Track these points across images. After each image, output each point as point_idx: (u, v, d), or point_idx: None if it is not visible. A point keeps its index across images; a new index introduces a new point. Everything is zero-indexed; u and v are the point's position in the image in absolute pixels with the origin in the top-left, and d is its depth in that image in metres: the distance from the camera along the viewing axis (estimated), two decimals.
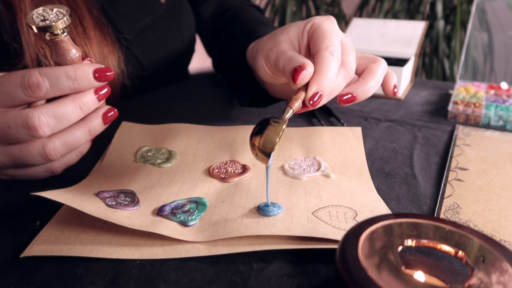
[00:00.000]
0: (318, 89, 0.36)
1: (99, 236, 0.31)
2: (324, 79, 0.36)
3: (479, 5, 0.75)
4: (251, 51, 0.52)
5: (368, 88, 0.40)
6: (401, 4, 1.64)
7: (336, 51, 0.38)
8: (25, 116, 0.34)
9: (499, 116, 0.55)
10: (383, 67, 0.42)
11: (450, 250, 0.24)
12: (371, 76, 0.41)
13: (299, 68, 0.36)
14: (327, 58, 0.37)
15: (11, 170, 0.39)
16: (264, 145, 0.32)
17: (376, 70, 0.41)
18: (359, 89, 0.40)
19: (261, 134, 0.32)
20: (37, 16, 0.34)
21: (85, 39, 0.52)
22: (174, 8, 0.69)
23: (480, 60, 0.87)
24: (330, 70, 0.36)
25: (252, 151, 0.33)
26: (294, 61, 0.37)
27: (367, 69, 0.41)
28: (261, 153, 0.32)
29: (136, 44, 0.62)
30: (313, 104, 0.36)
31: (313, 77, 0.36)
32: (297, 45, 0.42)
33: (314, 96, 0.36)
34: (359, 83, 0.40)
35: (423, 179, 0.41)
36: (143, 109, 0.62)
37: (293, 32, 0.42)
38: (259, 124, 0.34)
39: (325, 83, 0.36)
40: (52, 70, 0.35)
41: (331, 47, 0.37)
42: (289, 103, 0.35)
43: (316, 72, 0.36)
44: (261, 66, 0.44)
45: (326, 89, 0.36)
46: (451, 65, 1.53)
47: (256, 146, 0.32)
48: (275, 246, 0.30)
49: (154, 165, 0.43)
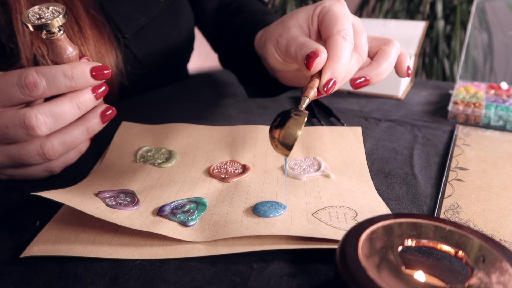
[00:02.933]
0: (332, 75, 0.35)
1: (99, 236, 0.31)
2: (338, 65, 0.35)
3: (479, 5, 0.75)
4: (259, 39, 0.51)
5: (381, 71, 0.39)
6: (401, 4, 1.64)
7: (349, 35, 0.37)
8: (22, 115, 0.34)
9: (499, 116, 0.55)
10: (396, 48, 0.41)
11: (450, 250, 0.24)
12: (384, 58, 0.40)
13: (313, 54, 0.35)
14: (339, 43, 0.36)
15: (10, 170, 0.39)
16: (285, 137, 0.32)
17: (389, 52, 0.40)
18: (372, 72, 0.39)
19: (281, 127, 0.32)
20: (33, 14, 0.34)
21: (82, 38, 0.52)
22: (173, 6, 0.69)
23: (480, 60, 0.87)
24: (344, 55, 0.35)
25: (272, 143, 0.33)
26: (306, 47, 0.36)
27: (380, 51, 0.41)
28: (282, 145, 0.32)
29: (134, 42, 0.62)
30: (327, 90, 0.35)
31: (327, 63, 0.35)
32: (307, 30, 0.41)
33: (329, 83, 0.35)
34: (372, 66, 0.39)
35: (423, 179, 0.41)
36: (143, 109, 0.62)
37: (302, 17, 0.41)
38: (279, 116, 0.33)
39: (339, 68, 0.35)
40: (49, 69, 0.34)
41: (343, 31, 0.37)
42: (305, 92, 0.35)
43: (330, 57, 0.35)
44: (271, 54, 0.43)
45: (340, 75, 0.35)
46: (451, 65, 1.53)
47: (277, 139, 0.32)
48: (275, 246, 0.30)
49: (154, 165, 0.43)
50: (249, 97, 0.61)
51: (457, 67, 1.50)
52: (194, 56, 0.82)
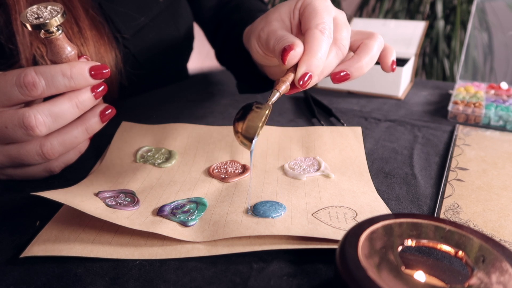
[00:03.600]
0: (307, 69, 0.35)
1: (99, 236, 0.31)
2: (314, 58, 0.35)
3: (479, 5, 0.75)
4: (246, 34, 0.51)
5: (362, 65, 0.39)
6: (401, 4, 1.64)
7: (327, 29, 0.36)
8: (21, 115, 0.34)
9: (499, 116, 0.55)
10: (379, 42, 0.40)
11: (450, 250, 0.24)
12: (366, 52, 0.39)
13: (288, 47, 0.35)
14: (316, 37, 0.35)
15: (10, 169, 0.39)
16: (247, 130, 0.31)
17: (371, 46, 0.39)
18: (352, 67, 0.38)
19: (243, 120, 0.32)
20: (31, 14, 0.34)
21: (81, 39, 0.51)
22: (172, 6, 0.69)
23: (480, 60, 0.87)
24: (320, 49, 0.35)
25: (236, 138, 0.32)
26: (283, 40, 0.36)
27: (361, 45, 0.40)
28: (245, 138, 0.32)
29: (133, 42, 0.62)
30: (303, 85, 0.35)
31: (302, 56, 0.35)
32: (288, 23, 0.41)
33: (304, 77, 0.35)
34: (352, 60, 0.39)
35: (423, 179, 0.41)
36: (143, 109, 0.62)
37: (284, 11, 0.41)
38: (242, 109, 0.33)
39: (315, 62, 0.35)
40: (48, 68, 0.34)
41: (322, 25, 0.36)
42: (276, 86, 0.34)
43: (306, 51, 0.35)
44: (254, 48, 0.43)
45: (316, 69, 0.35)
46: (451, 65, 1.53)
47: (240, 133, 0.32)
48: (275, 246, 0.30)
49: (154, 165, 0.43)
50: (239, 93, 0.61)
51: (457, 67, 1.50)
52: (194, 56, 0.82)
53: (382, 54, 0.41)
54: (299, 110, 0.61)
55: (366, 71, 0.39)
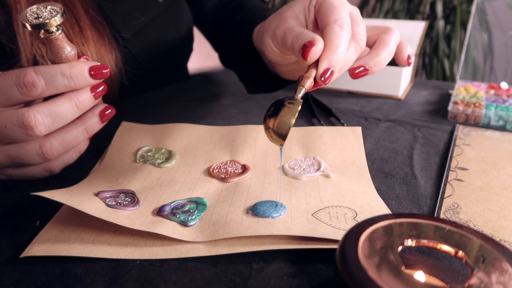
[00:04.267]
0: (329, 64, 0.35)
1: (99, 236, 0.31)
2: (335, 54, 0.35)
3: (479, 5, 0.75)
4: (257, 33, 0.51)
5: (381, 60, 0.39)
6: (401, 4, 1.64)
7: (346, 24, 0.36)
8: (21, 115, 0.34)
9: (499, 116, 0.55)
10: (396, 37, 0.40)
11: (450, 250, 0.24)
12: (384, 47, 0.39)
13: (309, 44, 0.35)
14: (336, 32, 0.35)
15: (10, 169, 0.39)
16: (280, 126, 0.31)
17: (388, 40, 0.39)
18: (371, 61, 0.38)
19: (275, 116, 0.32)
20: (31, 14, 0.34)
21: (82, 39, 0.51)
22: (172, 7, 0.69)
23: (480, 60, 0.87)
24: (341, 44, 0.35)
25: (267, 134, 0.32)
26: (303, 37, 0.36)
27: (379, 39, 0.40)
28: (276, 135, 0.31)
29: (133, 43, 0.62)
30: (325, 81, 0.35)
31: (323, 52, 0.35)
32: (303, 20, 0.41)
33: (326, 73, 0.35)
34: (371, 55, 0.39)
35: (423, 179, 0.41)
36: (143, 109, 0.62)
37: (298, 8, 0.41)
38: (273, 105, 0.32)
39: (336, 58, 0.35)
40: (48, 68, 0.34)
41: (340, 20, 0.36)
42: (301, 82, 0.34)
43: (326, 47, 0.35)
44: (269, 46, 0.43)
45: (337, 64, 0.35)
46: (451, 65, 1.53)
47: (271, 129, 0.32)
48: (275, 246, 0.30)
49: (154, 165, 0.43)
50: (248, 93, 0.61)
51: (457, 67, 1.50)
52: (194, 56, 0.82)
53: (397, 49, 0.41)
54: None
55: (384, 65, 0.39)
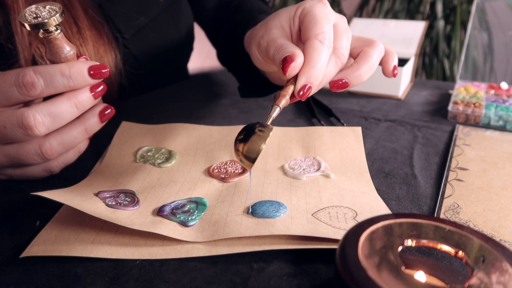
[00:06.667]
0: (306, 80, 0.35)
1: (99, 236, 0.31)
2: (313, 70, 0.35)
3: (479, 5, 0.75)
4: (247, 38, 0.51)
5: (361, 73, 0.39)
6: (401, 4, 1.64)
7: (327, 39, 0.36)
8: (20, 115, 0.34)
9: (499, 116, 0.55)
10: (379, 50, 0.40)
11: (450, 250, 0.24)
12: (365, 60, 0.39)
13: (289, 59, 0.35)
14: (316, 47, 0.35)
15: (9, 169, 0.39)
16: (249, 151, 0.32)
17: (370, 54, 0.39)
18: (351, 75, 0.38)
19: (245, 142, 0.32)
20: (30, 14, 0.34)
21: (80, 39, 0.51)
22: (172, 6, 0.69)
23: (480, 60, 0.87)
24: (320, 60, 0.35)
25: (236, 156, 0.33)
26: (283, 50, 0.36)
27: (361, 53, 0.40)
28: (245, 158, 0.32)
29: (133, 43, 0.62)
30: (302, 96, 0.35)
31: (302, 68, 0.35)
32: (288, 31, 0.41)
33: (303, 88, 0.35)
34: (352, 68, 0.39)
35: (423, 179, 0.41)
36: (143, 109, 0.62)
37: (284, 18, 0.41)
38: (244, 130, 0.33)
39: (314, 74, 0.35)
40: (47, 68, 0.34)
41: (322, 35, 0.36)
42: (276, 101, 0.35)
43: (306, 62, 0.35)
44: (254, 54, 0.43)
45: (315, 81, 0.35)
46: (451, 65, 1.53)
47: (240, 152, 0.32)
48: (275, 246, 0.30)
49: (154, 165, 0.43)
50: (241, 96, 0.61)
51: (457, 67, 1.50)
52: (194, 56, 0.82)
53: (383, 59, 0.41)
54: (299, 110, 0.61)
55: (366, 79, 0.39)
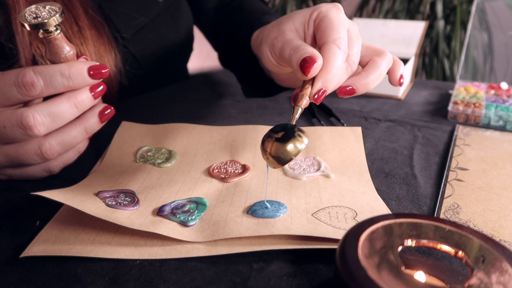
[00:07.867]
0: (323, 85, 0.35)
1: (99, 236, 0.31)
2: (330, 74, 0.35)
3: (479, 5, 0.75)
4: (255, 39, 0.51)
5: (368, 82, 0.39)
6: (401, 4, 1.64)
7: (343, 44, 0.37)
8: (19, 115, 0.34)
9: (499, 116, 0.55)
10: (387, 60, 0.41)
11: (450, 250, 0.24)
12: (374, 70, 0.40)
13: (310, 60, 0.35)
14: (334, 52, 0.36)
15: (9, 169, 0.39)
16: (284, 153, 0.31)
17: (379, 64, 0.40)
18: (359, 82, 0.39)
19: (284, 142, 0.31)
20: (30, 14, 0.34)
21: (81, 38, 0.51)
22: (172, 7, 0.69)
23: (480, 60, 0.87)
24: (337, 65, 0.35)
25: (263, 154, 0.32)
26: (301, 50, 0.36)
27: (370, 62, 0.41)
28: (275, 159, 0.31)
29: (133, 43, 0.62)
30: (317, 99, 0.35)
31: (320, 71, 0.35)
32: (302, 34, 0.41)
33: (319, 92, 0.35)
34: (360, 76, 0.39)
35: (423, 179, 0.41)
36: (143, 109, 0.62)
37: (298, 20, 0.41)
38: (283, 129, 0.33)
39: (331, 78, 0.35)
40: (46, 68, 0.34)
41: (339, 40, 0.37)
42: (299, 102, 0.35)
43: (323, 66, 0.35)
44: (266, 56, 0.43)
45: (330, 85, 0.35)
46: (451, 65, 1.53)
47: (269, 152, 0.32)
48: (275, 246, 0.30)
49: (154, 165, 0.43)
50: (245, 96, 0.61)
51: (457, 67, 1.50)
52: (194, 56, 0.82)
53: (390, 68, 0.42)
54: None
55: (372, 87, 0.40)
